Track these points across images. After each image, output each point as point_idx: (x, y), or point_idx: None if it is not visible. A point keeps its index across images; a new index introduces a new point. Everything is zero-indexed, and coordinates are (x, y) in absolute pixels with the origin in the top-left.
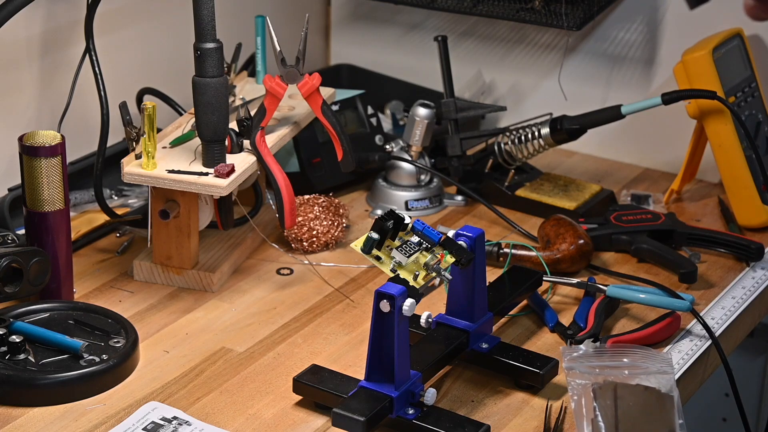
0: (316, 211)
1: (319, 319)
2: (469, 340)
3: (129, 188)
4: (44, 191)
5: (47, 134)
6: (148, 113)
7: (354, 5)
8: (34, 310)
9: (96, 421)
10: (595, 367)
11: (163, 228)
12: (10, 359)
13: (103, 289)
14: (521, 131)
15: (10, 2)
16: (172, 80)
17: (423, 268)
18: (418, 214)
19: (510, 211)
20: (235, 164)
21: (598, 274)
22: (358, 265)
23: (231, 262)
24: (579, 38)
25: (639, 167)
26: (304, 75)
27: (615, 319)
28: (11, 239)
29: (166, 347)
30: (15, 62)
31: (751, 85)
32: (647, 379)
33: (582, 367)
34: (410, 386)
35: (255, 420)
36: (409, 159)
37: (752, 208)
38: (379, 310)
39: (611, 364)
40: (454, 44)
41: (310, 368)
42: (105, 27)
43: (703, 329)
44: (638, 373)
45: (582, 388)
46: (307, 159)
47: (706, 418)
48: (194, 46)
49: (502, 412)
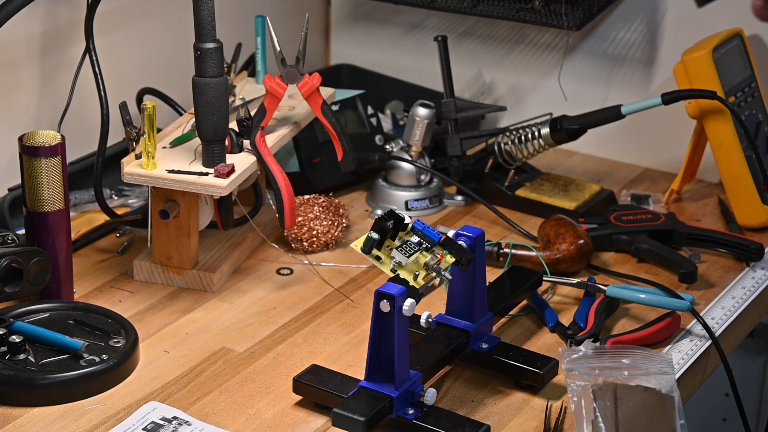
0: (316, 211)
1: (319, 319)
2: (469, 340)
3: (129, 188)
4: (44, 191)
5: (47, 134)
6: (148, 113)
7: (354, 5)
8: (34, 310)
9: (96, 421)
10: (594, 368)
11: (163, 228)
12: (10, 359)
13: (103, 289)
14: (521, 131)
15: (10, 2)
16: (172, 80)
17: (423, 268)
18: (418, 214)
19: (510, 211)
20: (235, 164)
21: (598, 274)
22: (358, 265)
23: (231, 262)
24: (579, 38)
25: (639, 167)
26: (304, 75)
27: (615, 319)
28: (11, 239)
29: (166, 347)
30: (15, 62)
31: (751, 85)
32: (647, 379)
33: (582, 368)
34: (410, 386)
35: (255, 420)
36: (409, 159)
37: (752, 208)
38: (379, 310)
39: (611, 365)
40: (454, 44)
41: (310, 368)
42: (105, 27)
43: (703, 329)
44: (638, 374)
45: (582, 389)
46: (307, 159)
47: (706, 418)
48: (194, 46)
49: (502, 412)
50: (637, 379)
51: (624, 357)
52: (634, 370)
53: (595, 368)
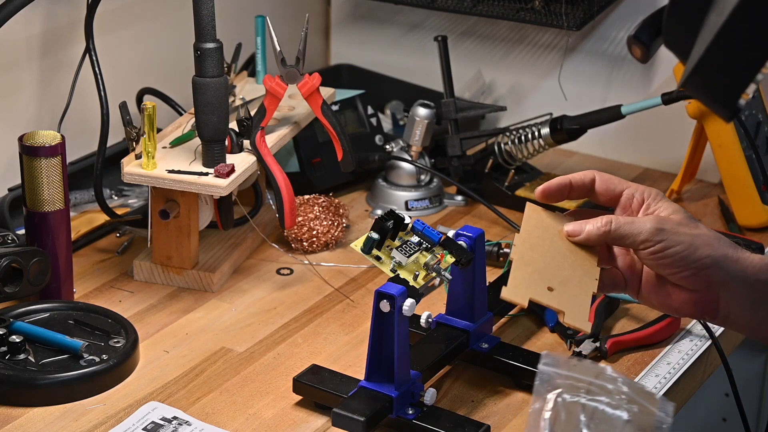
0: (316, 211)
1: (319, 319)
2: (469, 340)
3: (129, 188)
4: (44, 191)
5: (47, 134)
6: (148, 113)
7: (354, 5)
8: (34, 310)
9: (96, 421)
10: (576, 382)
11: (163, 228)
12: (10, 359)
13: (103, 289)
14: (521, 131)
15: (10, 2)
16: (172, 80)
17: (423, 268)
18: (418, 214)
19: (510, 211)
20: (235, 164)
21: None
22: (358, 265)
23: (231, 262)
24: (579, 38)
25: (639, 167)
26: (304, 75)
27: (615, 319)
28: (11, 239)
29: (166, 347)
30: (15, 62)
31: None
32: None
33: (560, 376)
34: (410, 386)
35: (255, 420)
36: (409, 159)
37: (752, 208)
38: (379, 310)
39: (598, 383)
40: (454, 44)
41: (310, 368)
42: (105, 27)
43: (703, 329)
44: (623, 403)
45: (548, 397)
46: (307, 159)
47: (706, 418)
48: (194, 46)
49: (502, 412)
50: (620, 410)
51: (618, 383)
52: (622, 397)
53: (578, 382)
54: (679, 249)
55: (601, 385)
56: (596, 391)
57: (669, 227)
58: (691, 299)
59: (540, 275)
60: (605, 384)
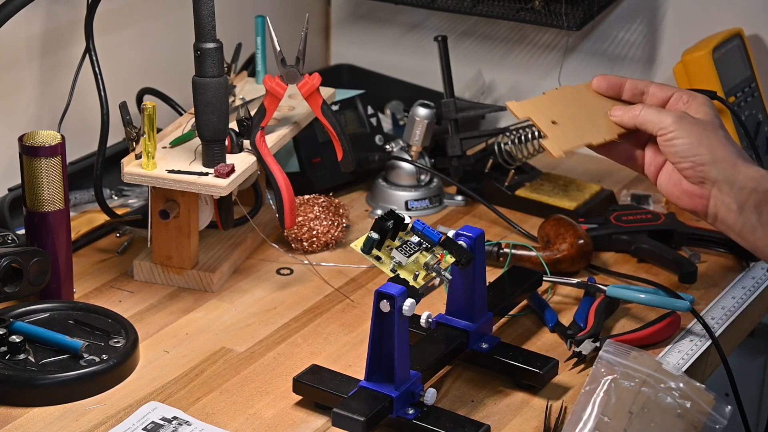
0: (316, 211)
1: (319, 319)
2: (469, 340)
3: (129, 188)
4: (44, 191)
5: (47, 134)
6: (148, 113)
7: (354, 5)
8: (34, 310)
9: (96, 421)
10: (635, 371)
11: (163, 228)
12: (10, 359)
13: (103, 289)
14: (521, 131)
15: (10, 2)
16: (172, 80)
17: (423, 268)
18: (418, 214)
19: (510, 211)
20: (235, 164)
21: (598, 274)
22: (358, 265)
23: (231, 262)
24: (579, 38)
25: None
26: (304, 75)
27: (615, 319)
28: (11, 239)
29: (166, 347)
30: (15, 62)
31: (751, 85)
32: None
33: (620, 365)
34: (410, 386)
35: (255, 420)
36: (409, 159)
37: None
38: (379, 310)
39: (655, 376)
40: (454, 44)
41: (310, 368)
42: (105, 27)
43: (703, 329)
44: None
45: (607, 381)
46: (307, 159)
47: None
48: (194, 46)
49: (502, 412)
50: (673, 403)
51: (673, 380)
52: (675, 393)
53: (635, 372)
54: (685, 141)
55: (658, 378)
56: (651, 383)
57: (686, 122)
58: (689, 191)
59: (551, 109)
60: (663, 378)
